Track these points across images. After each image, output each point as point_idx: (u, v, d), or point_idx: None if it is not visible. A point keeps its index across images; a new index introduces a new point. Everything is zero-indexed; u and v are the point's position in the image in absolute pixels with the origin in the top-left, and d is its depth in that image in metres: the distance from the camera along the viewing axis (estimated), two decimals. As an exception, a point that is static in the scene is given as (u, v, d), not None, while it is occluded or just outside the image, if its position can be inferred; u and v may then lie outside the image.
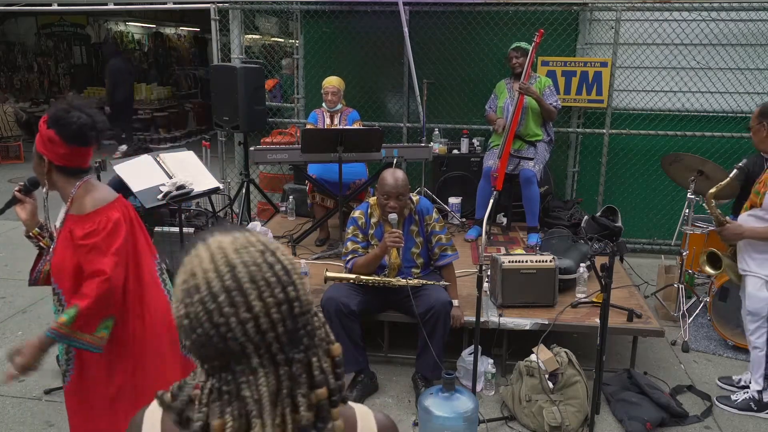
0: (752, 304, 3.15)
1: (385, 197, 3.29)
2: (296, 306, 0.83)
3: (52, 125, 1.89)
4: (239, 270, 0.81)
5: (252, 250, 0.84)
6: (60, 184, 1.99)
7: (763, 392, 3.24)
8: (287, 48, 8.66)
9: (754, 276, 3.13)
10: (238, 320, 0.79)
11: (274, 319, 0.80)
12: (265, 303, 0.80)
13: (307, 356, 0.84)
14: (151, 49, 15.56)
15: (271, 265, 0.83)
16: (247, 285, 0.80)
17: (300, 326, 0.83)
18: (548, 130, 5.01)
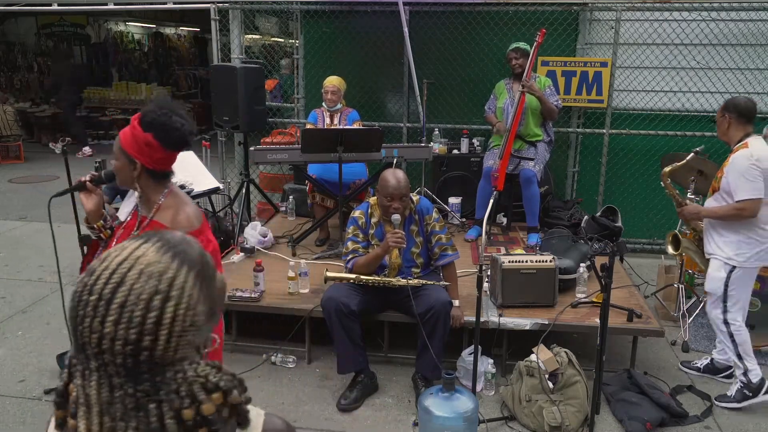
0: (709, 284, 3.34)
1: (388, 199, 3.28)
2: (144, 354, 0.81)
3: (151, 129, 1.84)
4: (122, 288, 0.82)
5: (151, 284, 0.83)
6: (147, 188, 1.95)
7: (748, 373, 3.29)
8: (287, 48, 8.66)
9: (715, 258, 3.31)
10: (90, 325, 0.81)
11: (115, 350, 0.80)
12: (116, 330, 0.80)
13: (146, 399, 0.82)
14: (151, 49, 15.57)
15: (150, 308, 0.82)
16: (115, 305, 0.81)
17: (144, 370, 0.82)
18: (548, 130, 5.02)
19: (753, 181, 3.09)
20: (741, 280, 3.26)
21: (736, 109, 3.25)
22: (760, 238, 3.20)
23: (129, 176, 1.93)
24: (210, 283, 0.90)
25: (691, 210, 3.47)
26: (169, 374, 0.83)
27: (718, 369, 3.62)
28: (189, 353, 0.85)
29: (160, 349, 0.81)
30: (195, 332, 0.85)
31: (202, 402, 0.83)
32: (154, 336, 0.81)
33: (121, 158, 1.93)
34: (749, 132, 3.25)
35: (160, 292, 0.83)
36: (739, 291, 3.27)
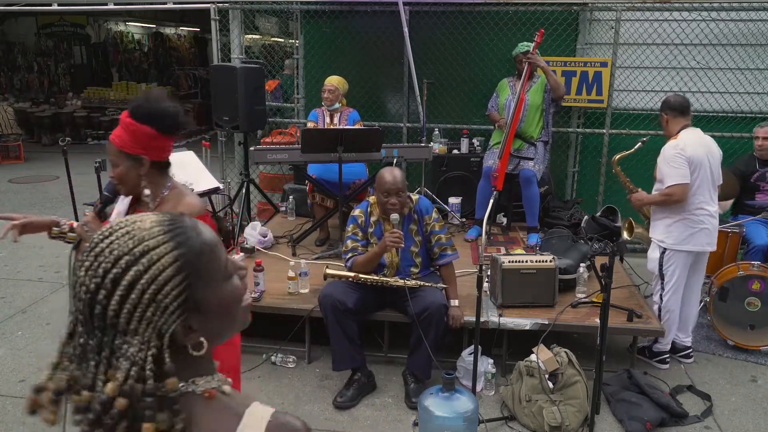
0: (649, 264, 3.72)
1: (385, 195, 3.29)
2: (97, 307, 0.83)
3: (149, 121, 1.84)
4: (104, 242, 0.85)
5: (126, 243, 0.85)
6: (154, 181, 1.94)
7: (655, 343, 3.72)
8: (287, 48, 8.67)
9: (652, 240, 3.67)
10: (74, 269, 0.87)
11: (79, 295, 0.85)
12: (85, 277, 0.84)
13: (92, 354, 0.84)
14: (151, 49, 15.56)
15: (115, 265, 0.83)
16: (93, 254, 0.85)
17: (96, 324, 0.84)
18: (548, 130, 5.02)
19: (677, 168, 3.38)
20: (672, 261, 3.55)
21: (668, 106, 3.57)
22: (692, 221, 3.47)
23: (136, 177, 1.90)
24: (199, 279, 0.87)
25: (638, 197, 3.75)
26: (117, 341, 0.83)
27: (677, 349, 3.79)
28: (145, 332, 0.83)
29: (112, 309, 0.82)
30: (156, 311, 0.83)
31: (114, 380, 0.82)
32: (108, 292, 0.82)
33: (123, 162, 1.89)
34: (687, 125, 3.54)
35: (131, 254, 0.84)
36: (672, 271, 3.56)
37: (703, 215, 3.47)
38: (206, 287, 0.88)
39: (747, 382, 3.61)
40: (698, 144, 3.44)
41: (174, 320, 0.85)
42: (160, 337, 0.84)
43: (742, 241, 4.29)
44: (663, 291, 3.60)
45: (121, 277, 0.83)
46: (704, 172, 3.43)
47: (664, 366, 3.71)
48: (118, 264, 0.83)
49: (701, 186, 3.44)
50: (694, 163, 3.39)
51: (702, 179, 3.43)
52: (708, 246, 3.56)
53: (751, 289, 3.83)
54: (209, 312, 0.89)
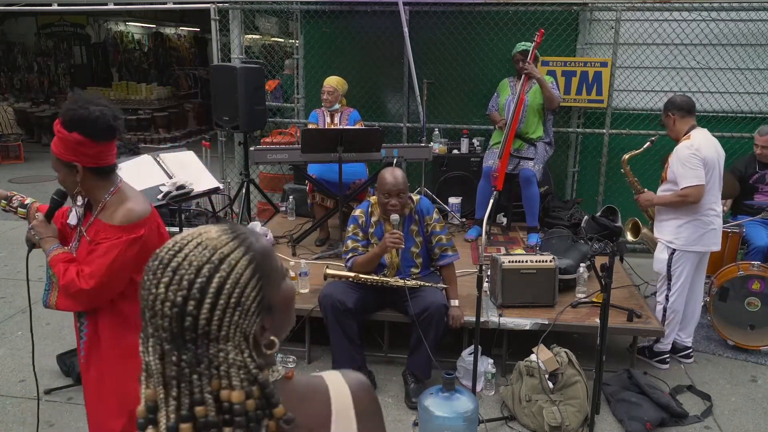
0: (656, 265, 3.68)
1: (386, 196, 3.29)
2: (188, 320, 0.83)
3: (75, 127, 1.79)
4: (179, 255, 0.86)
5: (204, 254, 0.86)
6: (92, 188, 1.90)
7: (657, 342, 3.72)
8: (287, 48, 8.67)
9: (659, 241, 3.64)
10: (148, 287, 0.86)
11: (164, 311, 0.84)
12: (166, 292, 0.84)
13: (188, 369, 0.84)
14: (151, 49, 15.56)
15: (198, 275, 0.85)
16: (169, 268, 0.85)
17: (187, 338, 0.84)
18: (548, 131, 5.02)
19: (694, 169, 3.35)
20: (681, 262, 3.54)
21: (675, 106, 3.54)
22: (703, 222, 3.46)
23: (74, 183, 1.88)
24: (268, 280, 0.91)
25: (646, 198, 3.72)
26: (212, 350, 0.85)
27: (677, 349, 3.79)
28: (234, 336, 0.86)
29: (204, 318, 0.84)
30: (242, 314, 0.86)
31: (234, 388, 0.84)
32: (197, 302, 0.84)
33: (60, 168, 1.88)
34: (694, 125, 3.52)
35: (210, 262, 0.86)
36: (680, 272, 3.55)
37: (713, 215, 3.48)
38: (272, 287, 0.92)
39: (747, 382, 3.61)
40: (710, 144, 3.43)
41: (254, 321, 0.88)
42: (247, 339, 0.87)
43: (742, 242, 4.29)
44: (669, 292, 3.60)
45: (207, 285, 0.84)
46: (715, 173, 3.44)
47: (664, 366, 3.71)
48: (201, 273, 0.84)
49: (711, 187, 3.44)
50: (708, 164, 3.37)
51: (713, 181, 3.44)
52: (714, 246, 3.57)
53: (751, 289, 3.83)
54: (276, 311, 0.93)
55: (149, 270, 0.87)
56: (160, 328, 0.84)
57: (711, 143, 3.44)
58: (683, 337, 3.77)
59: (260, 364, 0.88)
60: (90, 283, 1.87)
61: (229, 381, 0.85)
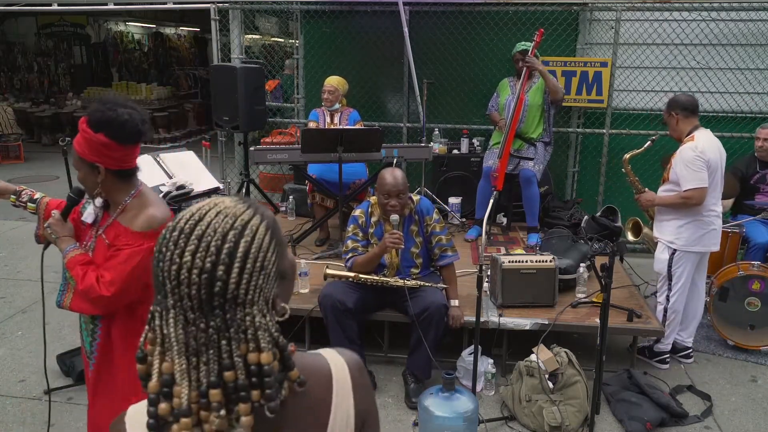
0: (656, 265, 3.68)
1: (386, 196, 3.29)
2: (218, 284, 0.85)
3: (102, 128, 1.77)
4: (201, 224, 0.87)
5: (227, 221, 0.88)
6: (112, 189, 1.88)
7: (657, 343, 3.72)
8: (287, 48, 8.67)
9: (660, 241, 3.64)
10: (170, 258, 0.86)
11: (191, 278, 0.85)
12: (192, 259, 0.85)
13: (217, 335, 0.86)
14: (151, 49, 15.56)
15: (225, 241, 0.86)
16: (193, 237, 0.86)
17: (216, 304, 0.86)
18: (548, 130, 5.02)
19: (698, 171, 3.34)
20: (682, 263, 3.54)
21: (679, 105, 3.50)
22: (703, 223, 3.46)
23: (94, 183, 1.86)
24: (281, 247, 0.94)
25: (648, 198, 3.70)
26: (239, 314, 0.87)
27: (677, 349, 3.79)
28: (259, 300, 0.88)
29: (233, 282, 0.85)
30: (265, 278, 0.89)
31: (262, 350, 0.87)
32: (226, 267, 0.85)
33: (82, 167, 1.86)
34: (697, 125, 3.50)
35: (234, 228, 0.88)
36: (681, 272, 3.56)
37: (713, 216, 3.48)
38: (284, 254, 0.96)
39: (747, 382, 3.61)
40: (714, 146, 3.42)
41: (274, 286, 0.92)
42: (267, 303, 0.90)
43: (742, 241, 4.30)
44: (670, 292, 3.59)
45: (234, 250, 0.86)
46: (717, 175, 3.44)
47: (664, 366, 3.71)
48: (227, 239, 0.86)
49: (713, 188, 3.44)
50: (711, 166, 3.37)
51: (715, 182, 3.43)
52: (714, 246, 3.57)
53: (751, 289, 3.83)
54: (286, 278, 0.97)
55: (168, 241, 0.87)
56: (186, 297, 0.85)
57: (714, 145, 3.43)
58: (684, 337, 3.77)
59: (278, 327, 0.91)
60: (111, 290, 1.85)
61: (257, 344, 0.87)
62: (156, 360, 0.86)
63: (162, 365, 0.85)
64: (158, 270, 0.87)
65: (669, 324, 3.63)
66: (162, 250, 0.87)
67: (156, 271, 0.88)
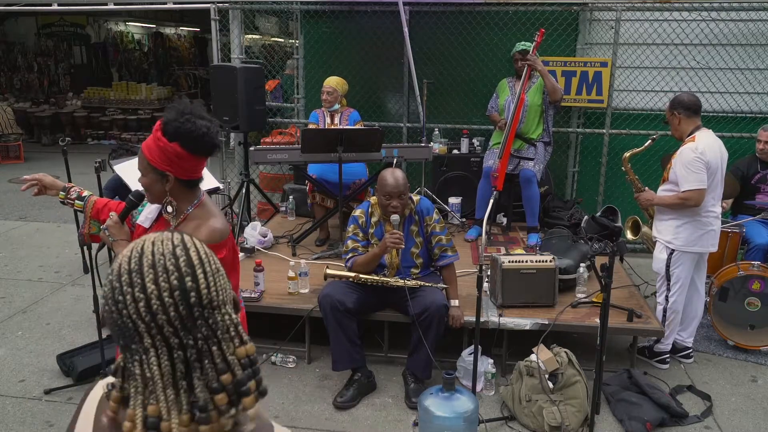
0: (655, 265, 3.67)
1: (387, 198, 3.29)
2: (192, 295, 0.87)
3: (177, 139, 1.75)
4: (145, 256, 0.88)
5: (167, 243, 0.90)
6: (177, 198, 1.88)
7: (657, 342, 3.72)
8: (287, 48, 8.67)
9: (658, 241, 3.63)
10: (133, 298, 0.86)
11: (165, 303, 0.86)
12: (158, 286, 0.86)
13: (207, 344, 0.88)
14: (151, 49, 15.55)
15: (177, 257, 0.88)
16: (146, 268, 0.87)
17: (196, 315, 0.87)
18: (548, 130, 5.02)
19: (697, 173, 3.33)
20: (680, 263, 3.54)
21: (682, 105, 3.48)
22: (701, 223, 3.46)
23: (161, 191, 1.85)
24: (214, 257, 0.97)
25: (647, 197, 3.70)
26: (219, 316, 0.89)
27: (677, 349, 3.79)
28: (228, 300, 0.92)
29: (204, 287, 0.88)
30: (223, 278, 0.92)
31: (245, 342, 0.91)
32: (192, 276, 0.88)
33: (149, 174, 1.84)
34: (699, 125, 3.49)
35: (175, 245, 0.90)
36: (679, 272, 3.55)
37: (712, 217, 3.47)
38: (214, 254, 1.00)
39: (747, 382, 3.61)
40: (715, 147, 3.41)
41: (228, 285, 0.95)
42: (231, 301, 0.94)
43: (742, 241, 4.29)
44: (669, 292, 3.59)
45: (189, 260, 0.89)
46: (717, 176, 3.43)
47: (664, 366, 3.71)
48: (177, 255, 0.89)
49: (712, 189, 3.43)
50: (711, 168, 3.36)
51: (714, 183, 3.43)
52: (712, 247, 3.56)
53: (751, 289, 3.83)
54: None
55: (120, 288, 0.87)
56: (165, 324, 0.86)
57: (716, 146, 3.42)
58: (684, 337, 3.77)
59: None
60: None
61: (240, 338, 0.91)
62: (138, 410, 0.86)
63: (147, 410, 0.86)
64: (123, 320, 0.87)
65: (668, 324, 3.63)
66: (117, 299, 0.87)
67: (120, 322, 0.87)
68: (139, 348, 0.87)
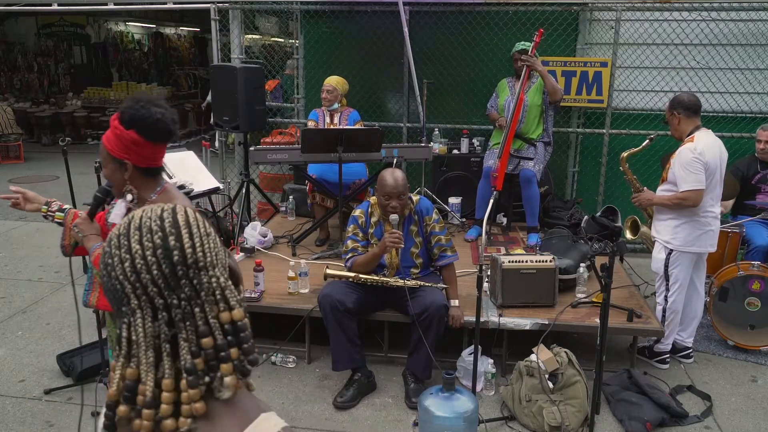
0: (654, 265, 3.68)
1: (386, 198, 3.29)
2: (175, 254, 0.87)
3: (134, 126, 1.79)
4: (134, 221, 0.90)
5: (156, 210, 0.91)
6: (139, 186, 1.92)
7: (657, 342, 3.72)
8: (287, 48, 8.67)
9: (657, 241, 3.64)
10: (120, 260, 0.88)
11: (148, 261, 0.86)
12: (142, 245, 0.87)
13: (190, 306, 0.87)
14: (151, 49, 15.56)
15: (163, 219, 0.89)
16: (133, 230, 0.89)
17: (180, 275, 0.87)
18: (548, 130, 5.02)
19: (695, 173, 3.33)
20: (678, 263, 3.54)
21: (682, 105, 3.48)
22: (700, 223, 3.46)
23: (121, 179, 1.89)
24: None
25: (646, 197, 3.69)
26: (205, 278, 0.89)
27: (677, 349, 3.79)
28: (218, 264, 0.91)
29: (188, 246, 0.88)
30: (215, 242, 0.92)
31: (233, 308, 0.90)
32: (176, 235, 0.88)
33: (108, 164, 1.88)
34: (698, 125, 3.49)
35: (165, 210, 0.91)
36: (678, 272, 3.55)
37: (710, 217, 3.47)
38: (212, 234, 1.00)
39: (747, 382, 3.61)
40: (714, 147, 3.41)
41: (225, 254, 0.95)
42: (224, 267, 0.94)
43: (742, 242, 4.29)
44: (668, 292, 3.59)
45: (175, 221, 0.90)
46: (716, 176, 3.43)
47: (664, 366, 3.71)
48: (164, 218, 0.89)
49: (711, 190, 3.43)
50: (710, 168, 3.36)
51: (713, 184, 3.43)
52: (710, 247, 3.56)
53: (751, 289, 3.83)
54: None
55: (110, 252, 0.89)
56: (150, 283, 0.86)
57: (715, 146, 3.42)
58: (684, 337, 3.77)
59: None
60: None
61: (227, 303, 0.90)
62: (117, 370, 0.87)
63: (125, 372, 0.86)
64: (112, 281, 0.88)
65: (668, 324, 3.63)
66: (107, 262, 0.89)
67: (110, 285, 0.89)
68: (127, 311, 0.88)
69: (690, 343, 3.78)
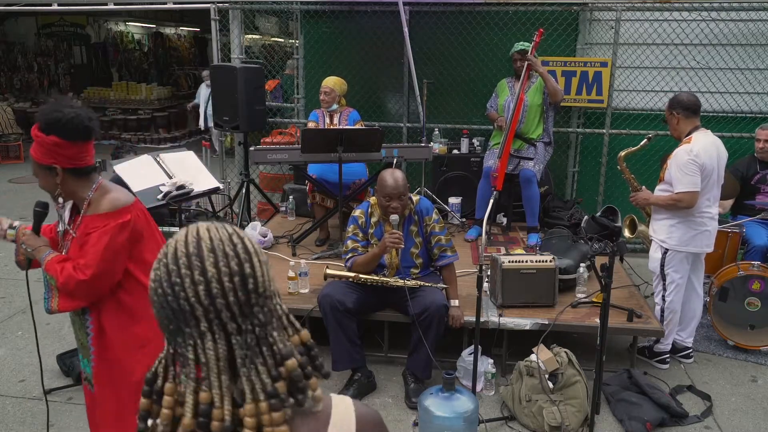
0: (651, 264, 3.70)
1: (387, 198, 3.28)
2: (250, 281, 0.87)
3: (51, 130, 1.85)
4: (204, 241, 0.88)
5: (222, 231, 0.90)
6: (74, 189, 1.96)
7: (657, 343, 3.72)
8: (287, 48, 8.67)
9: (654, 240, 3.64)
10: (192, 281, 0.85)
11: (225, 287, 0.86)
12: (218, 270, 0.86)
13: (264, 331, 0.88)
14: (151, 49, 15.55)
15: (234, 243, 0.89)
16: (206, 252, 0.87)
17: (254, 302, 0.88)
18: (548, 130, 5.01)
19: (690, 175, 3.33)
20: (675, 262, 3.54)
21: (681, 105, 3.48)
22: (695, 223, 3.46)
23: (54, 185, 1.93)
24: None
25: (643, 196, 3.70)
26: (271, 306, 0.91)
27: (677, 349, 3.79)
28: (277, 292, 0.93)
29: (260, 275, 0.89)
30: (269, 269, 0.93)
31: (299, 330, 0.92)
32: (250, 263, 0.88)
33: (40, 173, 1.93)
34: (697, 125, 3.48)
35: (230, 233, 0.90)
36: (674, 271, 3.56)
37: (707, 218, 3.47)
38: None
39: (747, 382, 3.61)
40: (711, 148, 3.39)
41: None
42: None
43: (742, 242, 4.29)
44: (665, 292, 3.60)
45: (245, 247, 0.89)
46: (713, 177, 3.42)
47: (664, 366, 3.71)
48: (234, 242, 0.89)
49: (707, 191, 3.42)
50: (706, 170, 3.35)
51: (710, 185, 3.42)
52: (707, 248, 3.56)
53: (751, 289, 3.83)
54: None
55: (176, 272, 0.86)
56: (224, 308, 0.86)
57: (712, 147, 3.40)
58: (684, 337, 3.77)
59: None
60: (87, 273, 1.91)
61: (294, 327, 0.93)
62: (189, 397, 0.85)
63: (199, 397, 0.85)
64: (180, 303, 0.86)
65: (667, 324, 3.63)
66: (174, 281, 0.86)
67: (175, 305, 0.86)
68: (193, 332, 0.86)
69: (690, 343, 3.78)
